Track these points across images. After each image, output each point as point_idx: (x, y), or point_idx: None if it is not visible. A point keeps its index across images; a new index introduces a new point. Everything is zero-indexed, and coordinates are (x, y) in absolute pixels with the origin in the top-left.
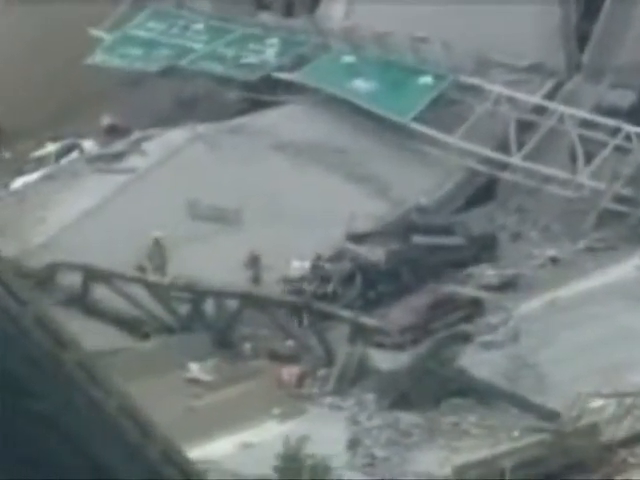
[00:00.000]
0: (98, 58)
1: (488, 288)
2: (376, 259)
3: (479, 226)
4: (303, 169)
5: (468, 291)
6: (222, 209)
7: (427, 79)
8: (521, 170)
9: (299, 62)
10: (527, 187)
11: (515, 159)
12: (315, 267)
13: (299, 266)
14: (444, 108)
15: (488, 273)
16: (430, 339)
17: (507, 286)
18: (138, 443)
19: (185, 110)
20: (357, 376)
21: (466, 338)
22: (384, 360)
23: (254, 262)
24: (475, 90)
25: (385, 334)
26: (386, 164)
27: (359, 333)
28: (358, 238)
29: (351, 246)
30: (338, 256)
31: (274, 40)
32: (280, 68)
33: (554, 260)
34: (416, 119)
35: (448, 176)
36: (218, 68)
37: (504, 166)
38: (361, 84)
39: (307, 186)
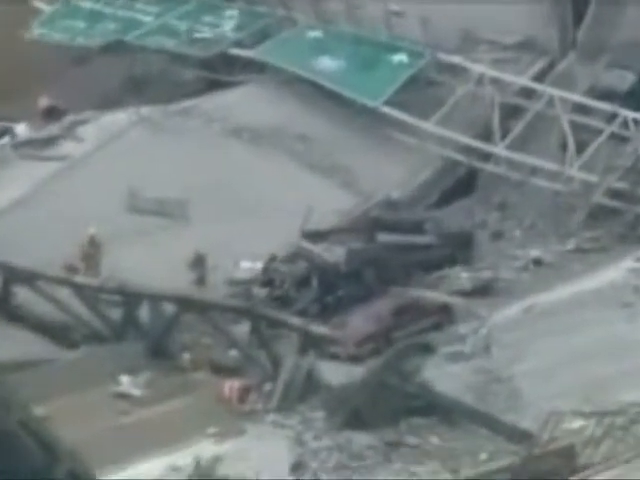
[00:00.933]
0: (37, 32)
1: (461, 293)
2: (335, 259)
3: (455, 223)
4: (260, 157)
5: (437, 296)
6: (166, 201)
7: (402, 57)
8: (505, 161)
9: (260, 37)
10: (511, 180)
11: (498, 148)
12: (266, 268)
13: (249, 267)
14: (420, 90)
15: (461, 276)
16: (388, 349)
17: (482, 291)
18: (42, 462)
19: (134, 91)
20: (304, 391)
21: (429, 348)
22: (336, 373)
23: (199, 262)
24: (455, 70)
25: (338, 344)
26: (354, 153)
27: (308, 343)
28: (315, 235)
29: (307, 244)
30: (292, 256)
31: (232, 12)
32: (238, 44)
33: (538, 262)
34: (388, 102)
35: (423, 167)
36: (169, 43)
37: (486, 156)
38: (328, 62)
39: (264, 177)
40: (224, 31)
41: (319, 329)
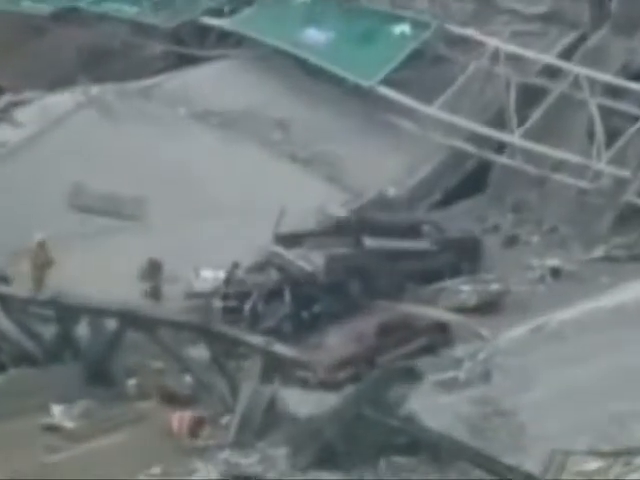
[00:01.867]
0: None
1: (462, 309)
2: (312, 268)
3: (461, 226)
4: (231, 147)
5: (433, 313)
6: (118, 199)
7: (403, 29)
8: (522, 152)
9: (236, 5)
10: (529, 175)
11: (514, 137)
12: (229, 278)
13: (211, 276)
14: (424, 68)
15: (463, 289)
16: (367, 375)
17: (488, 307)
18: None
19: (91, 67)
20: (265, 424)
21: (416, 374)
22: (304, 402)
23: (153, 270)
24: (466, 44)
25: (307, 368)
26: (342, 141)
27: (272, 366)
28: (289, 239)
29: (279, 250)
30: (262, 264)
31: None
32: (211, 12)
33: (556, 273)
34: (385, 82)
35: (424, 159)
36: (130, 11)
37: (500, 147)
38: (315, 35)
39: (235, 170)
40: None
41: (284, 350)
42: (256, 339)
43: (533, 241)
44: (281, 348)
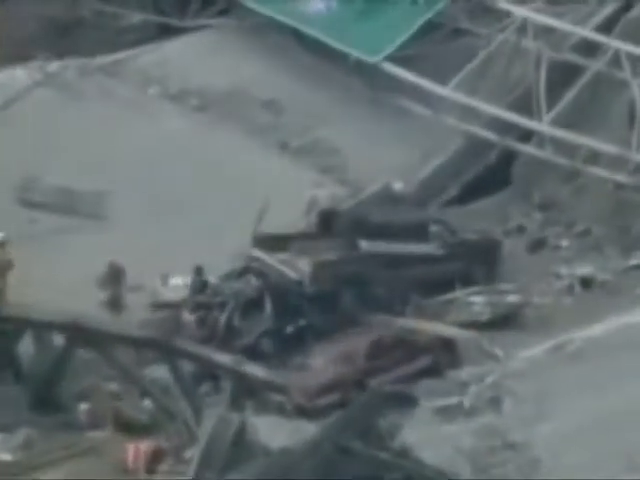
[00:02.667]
0: None
1: (474, 324)
2: (297, 275)
3: (477, 227)
4: (212, 132)
5: (438, 328)
6: (75, 193)
7: None
8: (551, 141)
9: None
10: (560, 168)
11: (543, 124)
12: (196, 286)
13: (181, 284)
14: (439, 42)
15: (476, 301)
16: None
17: (505, 322)
18: None
19: (58, 39)
20: (232, 456)
21: (411, 400)
22: (278, 432)
23: (114, 277)
24: (490, 14)
25: (284, 393)
26: (342, 127)
27: (242, 390)
28: (272, 241)
29: (259, 254)
30: (240, 270)
31: None
32: None
33: (587, 283)
34: (393, 58)
35: (438, 148)
36: None
37: (526, 135)
38: (315, 3)
39: (216, 159)
40: None
41: (256, 371)
42: (224, 358)
43: (562, 245)
44: (253, 368)
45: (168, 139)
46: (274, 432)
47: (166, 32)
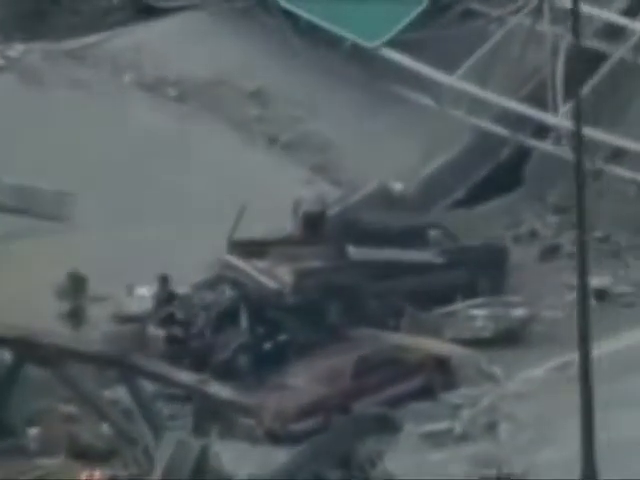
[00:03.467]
0: None
1: (475, 341)
2: (277, 285)
3: (485, 232)
4: (192, 125)
5: (431, 345)
6: (37, 193)
7: None
8: (569, 137)
9: None
10: (577, 167)
11: (559, 118)
12: (162, 297)
13: (147, 295)
14: (447, 26)
15: (478, 315)
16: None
17: (509, 338)
18: None
19: (34, 23)
20: None
21: (390, 425)
22: (245, 460)
23: (76, 286)
24: None
25: (252, 415)
26: (336, 119)
27: (206, 413)
28: (250, 248)
29: (235, 261)
30: (214, 279)
31: None
32: None
33: (601, 295)
34: (394, 43)
35: (443, 144)
36: None
37: (541, 129)
38: None
39: (195, 155)
40: None
41: (221, 392)
42: (186, 377)
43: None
44: (217, 388)
45: (142, 133)
46: (241, 460)
47: (149, 14)
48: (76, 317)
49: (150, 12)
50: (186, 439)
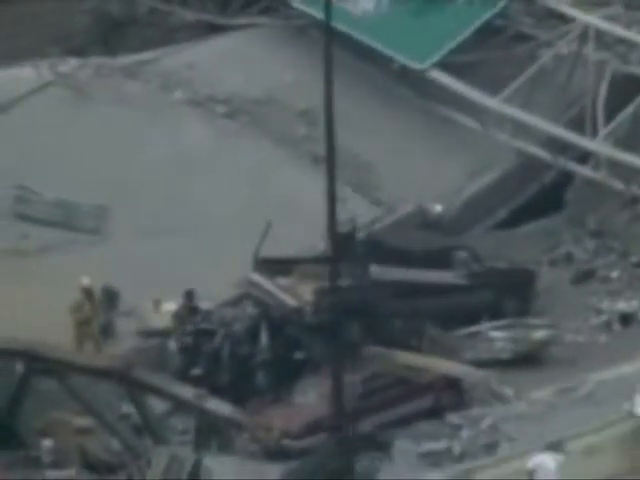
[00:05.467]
0: None
1: (494, 362)
2: (298, 303)
3: (521, 254)
4: (237, 143)
5: (443, 365)
6: (74, 206)
7: None
8: (608, 163)
9: None
10: (617, 193)
11: (600, 143)
12: (184, 312)
13: (174, 310)
14: (494, 48)
15: (499, 336)
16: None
17: (528, 360)
18: None
19: (107, 36)
20: None
21: (380, 444)
22: (237, 475)
23: (109, 301)
24: (550, 20)
25: (250, 432)
26: (381, 141)
27: (204, 427)
28: (275, 266)
29: (259, 279)
30: (238, 296)
31: None
32: None
33: (627, 319)
34: (442, 65)
35: (486, 167)
36: None
37: (582, 155)
38: (366, 4)
39: (239, 172)
40: None
41: (218, 407)
42: (186, 391)
43: (612, 277)
44: (215, 404)
45: (187, 149)
46: (232, 474)
47: (216, 31)
48: (106, 331)
49: (218, 30)
50: (179, 453)
